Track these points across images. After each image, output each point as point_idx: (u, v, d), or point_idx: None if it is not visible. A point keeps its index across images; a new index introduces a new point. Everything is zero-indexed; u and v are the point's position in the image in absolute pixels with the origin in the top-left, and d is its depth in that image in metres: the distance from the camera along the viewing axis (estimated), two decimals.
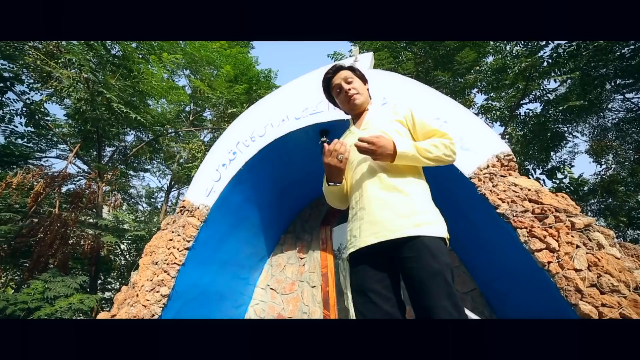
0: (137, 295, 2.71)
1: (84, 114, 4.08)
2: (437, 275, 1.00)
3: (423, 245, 1.05)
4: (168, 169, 7.66)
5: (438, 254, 1.04)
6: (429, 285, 1.00)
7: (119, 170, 5.63)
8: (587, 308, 1.71)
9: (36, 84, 4.15)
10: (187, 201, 3.02)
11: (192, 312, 2.90)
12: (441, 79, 4.22)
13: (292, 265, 4.11)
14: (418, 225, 1.09)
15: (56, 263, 4.16)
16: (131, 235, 4.49)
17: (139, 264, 2.90)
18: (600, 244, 1.93)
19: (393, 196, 1.17)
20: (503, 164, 2.33)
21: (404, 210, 1.13)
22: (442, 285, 0.99)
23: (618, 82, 4.22)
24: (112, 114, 4.30)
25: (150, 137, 6.08)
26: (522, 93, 4.15)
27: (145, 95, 4.82)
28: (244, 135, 3.29)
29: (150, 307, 2.58)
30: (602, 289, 1.75)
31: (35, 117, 4.59)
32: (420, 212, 1.14)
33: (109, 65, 4.12)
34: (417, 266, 1.03)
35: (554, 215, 2.04)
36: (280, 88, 3.63)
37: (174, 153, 7.33)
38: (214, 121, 6.19)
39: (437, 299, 0.98)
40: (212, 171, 3.13)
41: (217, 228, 3.04)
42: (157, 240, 2.91)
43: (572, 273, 1.85)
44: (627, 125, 4.87)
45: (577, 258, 1.89)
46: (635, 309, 1.65)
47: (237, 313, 3.78)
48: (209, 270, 3.08)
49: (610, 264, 1.82)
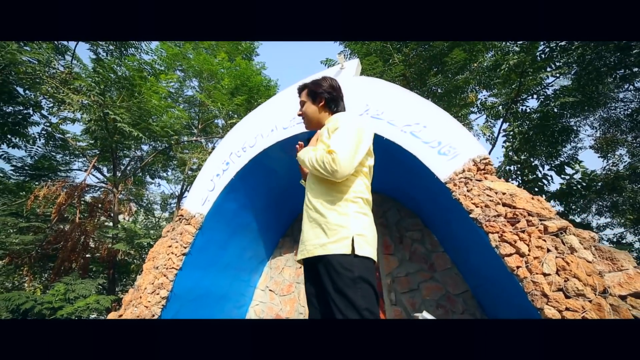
0: (140, 297, 2.95)
1: (94, 133, 4.44)
2: (339, 291, 1.08)
3: (329, 264, 1.13)
4: (182, 174, 8.07)
5: (340, 270, 1.11)
6: (336, 300, 1.07)
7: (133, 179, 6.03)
8: (551, 312, 1.72)
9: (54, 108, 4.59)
10: (185, 210, 3.24)
11: (191, 313, 3.11)
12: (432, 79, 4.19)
13: (290, 268, 4.26)
14: (322, 246, 1.17)
15: (77, 267, 4.56)
16: (139, 242, 4.84)
17: (143, 268, 3.14)
18: (573, 248, 1.92)
19: (314, 217, 1.26)
20: (479, 168, 2.34)
21: (317, 231, 1.22)
22: (347, 300, 1.06)
23: (625, 73, 4.00)
24: (118, 132, 4.66)
25: (162, 146, 6.46)
26: (518, 89, 4.03)
27: (149, 113, 5.16)
28: (236, 146, 3.46)
29: (151, 308, 2.81)
30: (567, 293, 1.75)
31: (54, 137, 5.06)
32: (329, 231, 1.19)
33: (115, 86, 4.47)
34: (326, 282, 1.12)
35: (526, 219, 2.05)
36: (271, 99, 3.77)
37: (186, 160, 7.70)
38: (226, 127, 6.47)
39: (345, 312, 1.05)
40: (207, 181, 3.33)
41: (213, 234, 3.24)
42: (159, 247, 3.14)
43: (540, 277, 1.86)
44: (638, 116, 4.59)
45: (546, 262, 1.89)
46: (599, 312, 1.64)
47: (238, 313, 3.98)
48: (208, 274, 3.28)
49: (580, 268, 1.82)
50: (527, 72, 3.80)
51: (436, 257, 3.55)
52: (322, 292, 1.16)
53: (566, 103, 3.96)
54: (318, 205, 1.27)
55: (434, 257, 3.56)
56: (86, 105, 4.02)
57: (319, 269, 1.18)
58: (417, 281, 3.51)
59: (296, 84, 3.73)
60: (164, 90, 5.26)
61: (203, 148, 6.54)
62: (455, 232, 2.67)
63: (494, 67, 4.09)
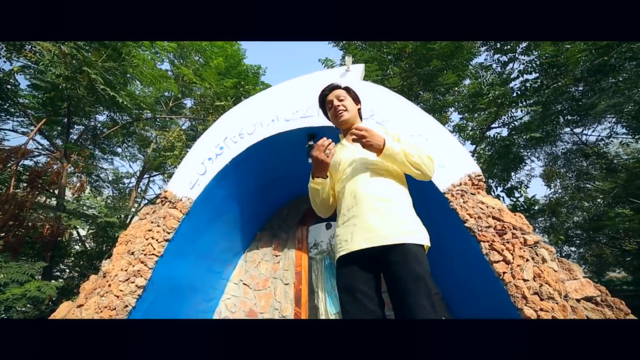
0: (109, 285, 2.63)
1: (62, 91, 3.77)
2: (419, 278, 1.15)
3: (409, 251, 1.20)
4: (140, 154, 7.28)
5: (421, 260, 1.20)
6: (412, 287, 1.14)
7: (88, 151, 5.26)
8: (529, 312, 2.01)
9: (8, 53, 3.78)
10: (170, 192, 2.98)
11: (165, 304, 2.88)
12: (423, 95, 4.55)
13: (267, 262, 4.18)
14: (405, 234, 1.23)
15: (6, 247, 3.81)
16: (102, 221, 4.23)
17: (112, 252, 2.81)
18: (544, 259, 2.25)
19: (384, 206, 1.31)
20: (474, 183, 2.61)
21: (393, 219, 1.27)
22: (423, 287, 1.15)
23: (568, 118, 4.87)
24: (92, 94, 4.03)
25: (126, 119, 5.75)
26: (493, 117, 4.62)
27: (132, 80, 4.58)
28: (232, 131, 3.30)
29: (124, 297, 2.53)
30: (542, 297, 2.06)
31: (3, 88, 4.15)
32: (407, 222, 1.29)
33: (96, 44, 3.86)
34: (403, 269, 1.18)
35: (511, 232, 2.35)
36: (271, 88, 3.68)
37: (148, 139, 7.00)
38: (195, 110, 6.02)
39: (419, 299, 1.12)
40: (197, 164, 3.11)
41: (198, 221, 3.04)
42: (135, 230, 2.84)
43: (521, 282, 2.15)
44: (572, 155, 5.61)
45: (526, 270, 2.20)
46: (563, 312, 1.97)
47: (207, 307, 3.77)
48: (186, 263, 3.06)
49: (550, 276, 2.15)
50: (503, 104, 4.37)
51: None
52: (394, 281, 1.19)
53: (533, 137, 4.67)
54: (390, 197, 1.31)
55: None
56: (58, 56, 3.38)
57: (390, 258, 1.20)
58: None
59: (298, 78, 3.70)
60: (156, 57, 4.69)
61: (179, 127, 6.00)
62: (443, 240, 2.92)
63: (476, 94, 4.61)
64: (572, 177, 5.85)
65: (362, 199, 1.34)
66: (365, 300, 1.23)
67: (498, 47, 4.76)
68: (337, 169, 1.51)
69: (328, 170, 1.44)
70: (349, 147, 1.55)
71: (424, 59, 4.54)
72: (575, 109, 4.47)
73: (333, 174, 1.55)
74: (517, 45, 4.52)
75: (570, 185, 5.90)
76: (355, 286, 1.25)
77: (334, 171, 1.54)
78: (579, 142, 5.47)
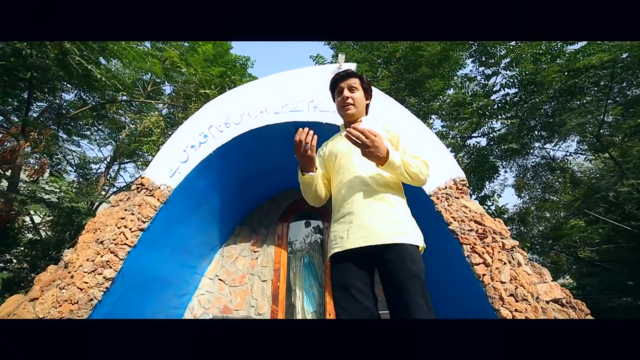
0: (72, 277, 2.41)
1: (25, 59, 3.34)
2: (415, 277, 1.15)
3: (405, 250, 1.19)
4: (110, 138, 6.73)
5: (417, 260, 1.20)
6: (408, 285, 1.14)
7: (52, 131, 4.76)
8: (505, 312, 2.10)
9: None
10: (147, 179, 2.79)
11: (135, 298, 2.69)
12: (409, 100, 4.66)
13: (245, 258, 4.05)
14: (401, 234, 1.23)
15: None
16: (67, 206, 3.82)
17: (76, 241, 2.58)
18: (519, 262, 2.37)
19: (381, 205, 1.30)
20: (458, 187, 2.69)
21: (390, 219, 1.26)
22: (419, 286, 1.15)
23: (541, 133, 5.24)
24: (62, 67, 3.63)
25: (98, 100, 5.28)
26: (474, 127, 4.84)
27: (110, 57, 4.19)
28: (218, 119, 3.16)
29: (89, 290, 2.32)
30: (517, 298, 2.17)
31: None
32: (403, 223, 1.28)
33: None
34: (400, 268, 1.17)
35: (492, 236, 2.44)
36: (261, 79, 3.57)
37: (121, 123, 6.53)
38: (175, 97, 5.69)
39: (414, 297, 1.12)
40: (178, 151, 2.95)
41: (176, 211, 2.87)
42: (105, 217, 2.62)
43: (499, 284, 2.24)
44: (540, 168, 6.05)
45: (504, 272, 2.29)
46: (535, 313, 2.09)
47: (179, 302, 3.59)
48: (160, 255, 2.88)
49: (524, 279, 2.26)
50: (485, 115, 4.59)
51: None
52: (390, 280, 1.18)
53: (510, 148, 4.95)
54: (386, 196, 1.30)
55: None
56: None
57: (386, 257, 1.19)
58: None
59: (289, 71, 3.63)
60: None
61: (159, 112, 5.62)
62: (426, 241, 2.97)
63: (459, 104, 4.80)
64: (539, 188, 6.29)
65: (358, 197, 1.32)
66: (359, 297, 1.21)
67: (483, 60, 5.00)
68: (333, 161, 1.47)
69: (314, 164, 1.39)
70: (347, 141, 1.51)
71: (412, 64, 4.66)
72: (546, 125, 4.82)
73: (328, 165, 1.51)
74: (500, 59, 4.79)
75: (536, 197, 6.37)
76: (350, 282, 1.23)
77: (329, 162, 1.50)
78: (547, 157, 5.91)
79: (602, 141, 4.28)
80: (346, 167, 1.43)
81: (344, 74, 1.55)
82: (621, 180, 3.55)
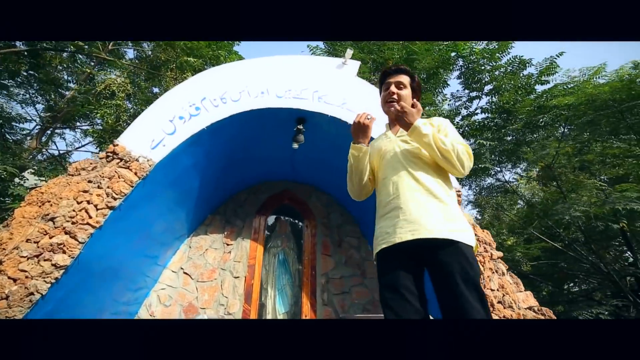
0: (2, 263, 1.85)
1: None
2: (471, 281, 1.10)
3: (460, 251, 1.13)
4: (39, 95, 5.40)
5: (472, 262, 1.15)
6: (463, 289, 1.07)
7: None
8: (496, 319, 2.20)
9: None
10: (122, 147, 2.30)
11: (89, 292, 2.20)
12: None
13: (216, 251, 3.66)
14: (454, 231, 1.16)
15: None
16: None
17: (15, 215, 2.02)
18: (503, 272, 2.53)
19: (430, 200, 1.23)
20: None
21: (441, 215, 1.20)
22: (474, 290, 1.09)
23: (503, 158, 5.85)
24: None
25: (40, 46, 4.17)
26: None
27: None
28: (213, 93, 2.79)
29: (28, 281, 1.80)
30: (504, 305, 2.29)
31: None
32: (455, 220, 1.21)
33: None
34: (454, 271, 1.10)
35: (483, 246, 2.56)
36: (263, 58, 3.28)
37: (60, 78, 5.43)
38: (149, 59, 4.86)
39: (472, 302, 1.06)
40: (164, 121, 2.51)
41: (154, 190, 2.44)
42: (59, 188, 2.09)
43: (489, 292, 2.34)
44: (494, 189, 6.77)
45: (493, 281, 2.42)
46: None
47: (133, 298, 3.07)
48: (128, 241, 2.42)
49: (509, 287, 2.42)
50: (466, 133, 4.92)
51: (368, 265, 3.85)
52: (444, 278, 1.09)
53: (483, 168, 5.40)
54: (437, 193, 1.22)
55: (367, 265, 3.86)
56: None
57: (441, 258, 1.11)
58: (349, 285, 3.69)
59: (294, 55, 3.40)
60: None
61: (126, 77, 4.69)
62: None
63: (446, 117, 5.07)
64: (493, 207, 7.00)
65: (404, 191, 1.25)
66: (410, 298, 1.13)
67: (468, 83, 5.38)
68: (379, 159, 1.41)
69: (369, 136, 1.37)
70: (392, 139, 1.44)
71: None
72: (510, 151, 5.39)
73: (373, 162, 1.44)
74: (483, 86, 5.19)
75: (490, 215, 7.08)
76: (399, 282, 1.15)
77: (374, 160, 1.44)
78: (502, 180, 6.61)
79: (553, 171, 4.92)
80: (392, 163, 1.36)
81: (395, 68, 1.47)
82: (573, 207, 4.10)
